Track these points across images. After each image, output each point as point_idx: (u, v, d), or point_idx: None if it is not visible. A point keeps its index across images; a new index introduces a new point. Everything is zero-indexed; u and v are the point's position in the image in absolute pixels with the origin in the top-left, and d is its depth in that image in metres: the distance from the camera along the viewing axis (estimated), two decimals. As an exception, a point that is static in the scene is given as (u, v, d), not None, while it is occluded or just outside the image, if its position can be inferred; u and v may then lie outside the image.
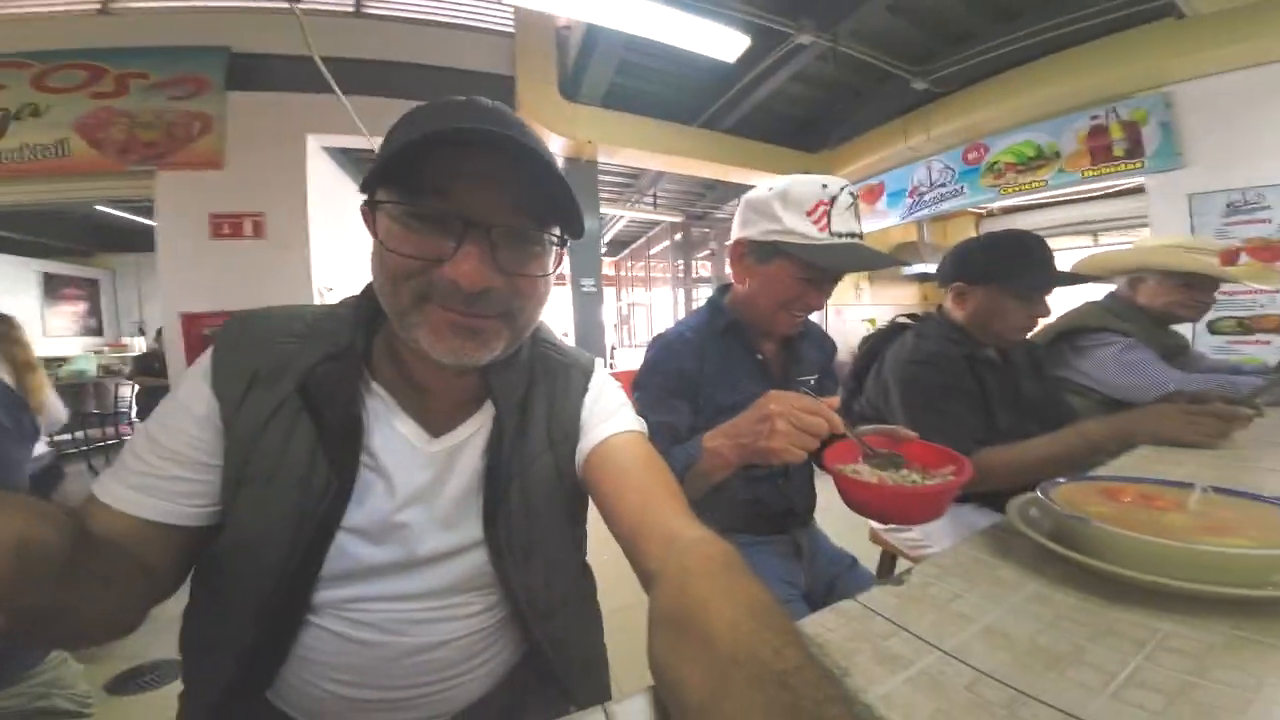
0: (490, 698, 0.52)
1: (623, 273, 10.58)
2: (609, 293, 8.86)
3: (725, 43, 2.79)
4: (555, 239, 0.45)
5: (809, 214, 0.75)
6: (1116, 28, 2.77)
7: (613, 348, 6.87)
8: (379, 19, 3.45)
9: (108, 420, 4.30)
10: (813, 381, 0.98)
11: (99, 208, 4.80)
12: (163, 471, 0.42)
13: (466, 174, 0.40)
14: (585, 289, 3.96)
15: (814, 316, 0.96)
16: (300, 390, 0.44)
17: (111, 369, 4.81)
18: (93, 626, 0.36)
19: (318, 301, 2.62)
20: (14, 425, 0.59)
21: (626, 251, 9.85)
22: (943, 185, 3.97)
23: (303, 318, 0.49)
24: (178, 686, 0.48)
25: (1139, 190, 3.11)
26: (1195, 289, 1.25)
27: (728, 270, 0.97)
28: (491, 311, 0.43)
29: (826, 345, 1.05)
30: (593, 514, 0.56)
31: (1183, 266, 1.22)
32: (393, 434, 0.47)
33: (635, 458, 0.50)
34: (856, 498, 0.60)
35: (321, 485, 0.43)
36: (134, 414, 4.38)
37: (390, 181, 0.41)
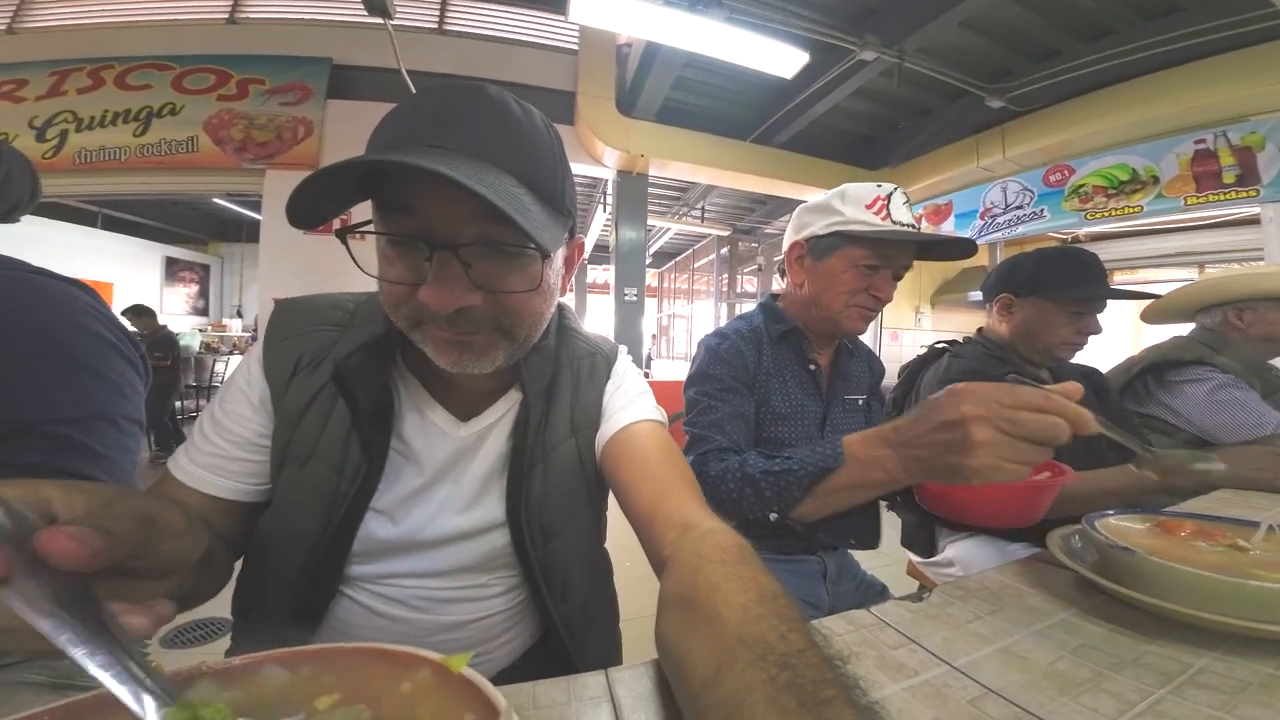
0: (503, 677, 0.54)
1: (666, 284, 10.64)
2: (650, 303, 8.93)
3: (783, 59, 2.80)
4: (535, 249, 0.37)
5: (869, 207, 0.76)
6: (1223, 48, 2.51)
7: (648, 357, 6.87)
8: (457, 35, 3.80)
9: (203, 392, 4.84)
10: (860, 402, 0.94)
11: (216, 200, 5.49)
12: (226, 452, 0.45)
13: (427, 188, 0.36)
14: (628, 298, 4.05)
15: (870, 340, 0.93)
16: (334, 377, 0.45)
17: (211, 346, 5.44)
18: (200, 591, 0.39)
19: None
20: (131, 358, 0.63)
21: (671, 263, 9.92)
22: (1019, 207, 3.72)
23: (342, 305, 0.51)
24: (225, 643, 0.51)
25: (1254, 221, 2.76)
26: None
27: (775, 285, 0.96)
28: (478, 328, 0.41)
29: (875, 366, 1.01)
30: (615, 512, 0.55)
31: None
32: (423, 420, 0.48)
33: (653, 446, 0.49)
34: (940, 490, 0.58)
35: (354, 467, 0.45)
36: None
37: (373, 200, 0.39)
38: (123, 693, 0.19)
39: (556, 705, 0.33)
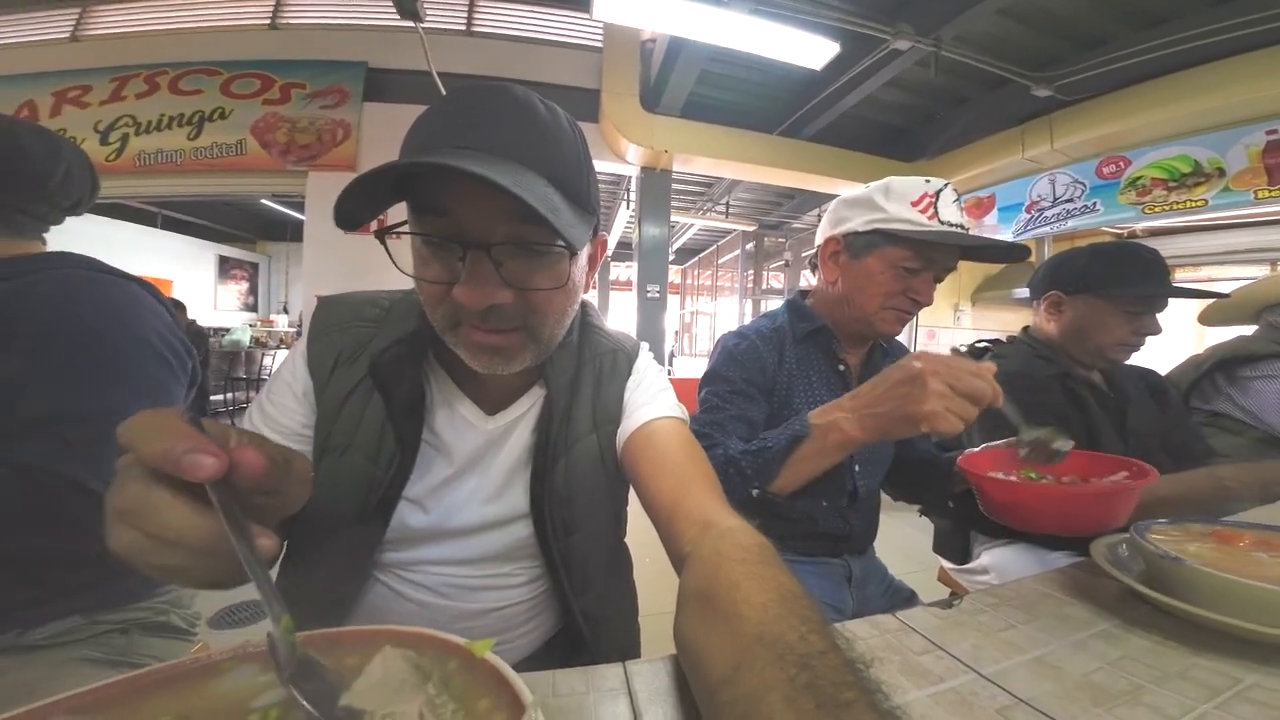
0: (523, 666, 0.55)
1: (689, 280, 10.57)
2: (673, 300, 8.86)
3: (812, 50, 2.72)
4: (562, 247, 0.40)
5: (914, 204, 0.71)
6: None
7: (671, 354, 6.80)
8: (485, 36, 3.85)
9: (253, 384, 5.11)
10: None
11: (263, 201, 5.78)
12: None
13: (459, 189, 0.37)
14: (650, 295, 4.04)
15: (905, 339, 0.89)
16: (371, 371, 0.47)
17: (260, 340, 5.75)
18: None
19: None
20: (176, 361, 0.64)
21: (695, 259, 9.85)
22: (1069, 200, 3.52)
23: (378, 303, 0.53)
24: (267, 625, 0.55)
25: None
26: None
27: (803, 282, 0.93)
28: (508, 326, 0.42)
29: None
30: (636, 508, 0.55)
31: None
32: (452, 413, 0.50)
33: (674, 443, 0.49)
34: (1007, 499, 0.56)
35: (388, 457, 0.47)
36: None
37: (407, 202, 0.41)
38: (267, 596, 0.24)
39: (575, 694, 0.33)
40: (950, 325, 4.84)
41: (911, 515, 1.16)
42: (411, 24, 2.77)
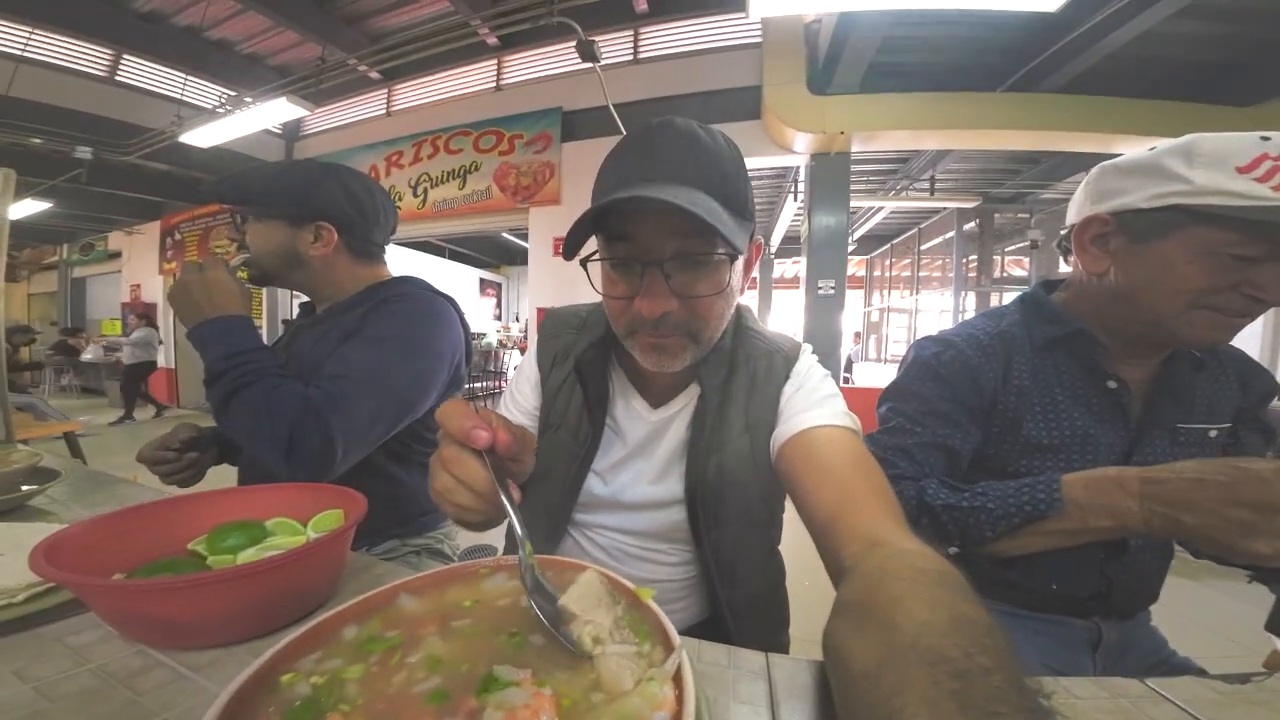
0: None
1: (877, 272, 9.20)
2: (853, 296, 7.79)
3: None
4: (724, 253, 0.46)
5: (1243, 170, 0.51)
6: None
7: (849, 359, 5.77)
8: (650, 61, 4.14)
9: (499, 375, 6.84)
10: (1213, 434, 0.65)
11: (501, 234, 7.57)
12: (516, 419, 0.61)
13: (641, 216, 0.45)
14: (822, 292, 3.65)
15: (1246, 344, 0.63)
16: (575, 368, 0.59)
17: (503, 342, 7.75)
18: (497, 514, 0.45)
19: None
20: (460, 366, 0.80)
21: (885, 248, 8.51)
22: None
23: (579, 314, 0.65)
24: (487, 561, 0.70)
25: None
26: None
27: (1065, 267, 0.69)
28: (674, 332, 0.49)
29: (1256, 382, 0.68)
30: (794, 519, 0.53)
31: None
32: (627, 405, 0.60)
33: (839, 453, 0.48)
34: None
35: (584, 436, 0.58)
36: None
37: (596, 233, 0.49)
38: (518, 528, 0.34)
39: (718, 666, 0.35)
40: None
41: (1222, 579, 0.78)
42: (591, 65, 3.14)
